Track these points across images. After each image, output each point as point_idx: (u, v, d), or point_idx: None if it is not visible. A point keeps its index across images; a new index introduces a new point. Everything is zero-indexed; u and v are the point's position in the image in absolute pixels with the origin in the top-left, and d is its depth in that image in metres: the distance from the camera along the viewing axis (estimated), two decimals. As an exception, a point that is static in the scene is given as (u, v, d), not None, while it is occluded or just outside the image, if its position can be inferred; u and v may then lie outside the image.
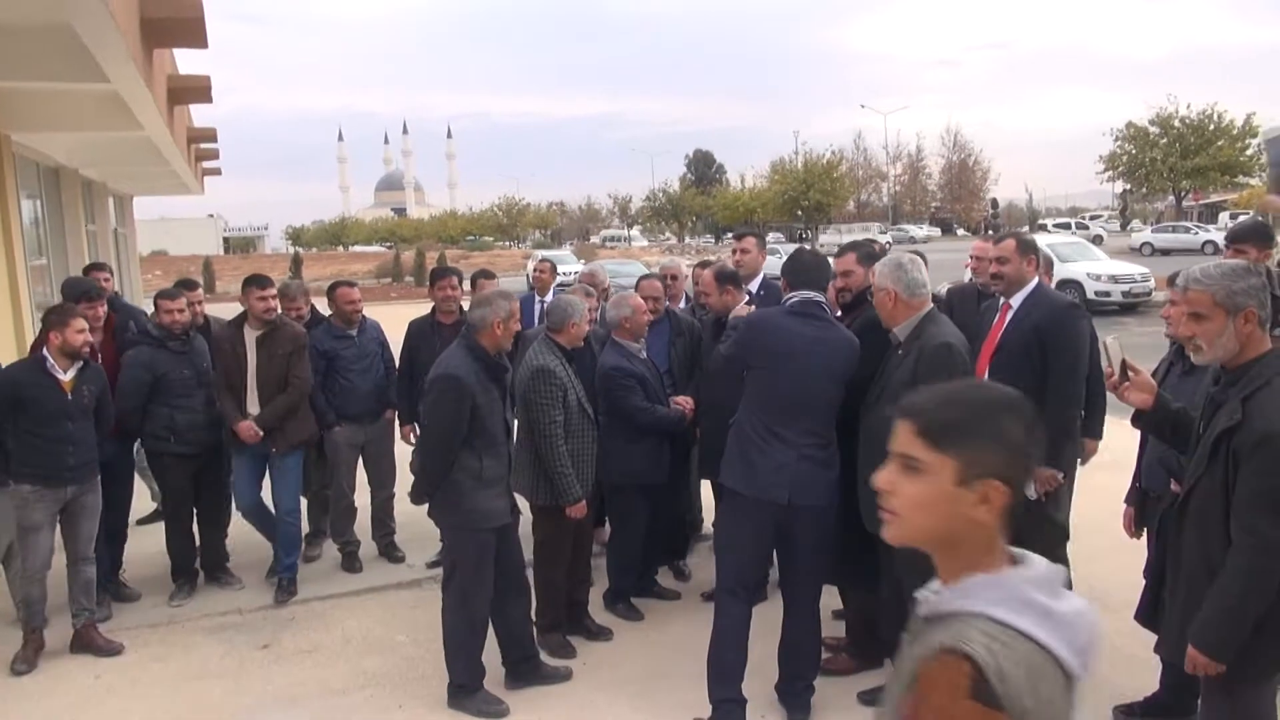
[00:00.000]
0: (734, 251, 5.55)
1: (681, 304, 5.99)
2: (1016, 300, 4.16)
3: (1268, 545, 2.55)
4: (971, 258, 5.36)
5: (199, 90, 10.69)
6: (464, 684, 4.13)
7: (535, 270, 8.10)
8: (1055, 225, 51.07)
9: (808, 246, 5.14)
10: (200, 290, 6.04)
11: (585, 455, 4.53)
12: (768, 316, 4.01)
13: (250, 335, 5.34)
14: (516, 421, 4.47)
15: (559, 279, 10.39)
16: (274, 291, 5.40)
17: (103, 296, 5.46)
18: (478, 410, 3.96)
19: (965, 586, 1.31)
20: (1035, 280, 4.19)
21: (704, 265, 6.07)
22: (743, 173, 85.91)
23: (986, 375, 4.05)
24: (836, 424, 3.89)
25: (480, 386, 3.97)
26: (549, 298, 7.21)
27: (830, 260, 4.30)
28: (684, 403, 4.94)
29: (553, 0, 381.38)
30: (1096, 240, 39.22)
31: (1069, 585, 1.37)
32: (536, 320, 6.83)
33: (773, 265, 6.65)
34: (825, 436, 3.81)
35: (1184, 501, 2.82)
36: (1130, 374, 2.90)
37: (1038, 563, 1.34)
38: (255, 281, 5.41)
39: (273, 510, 5.49)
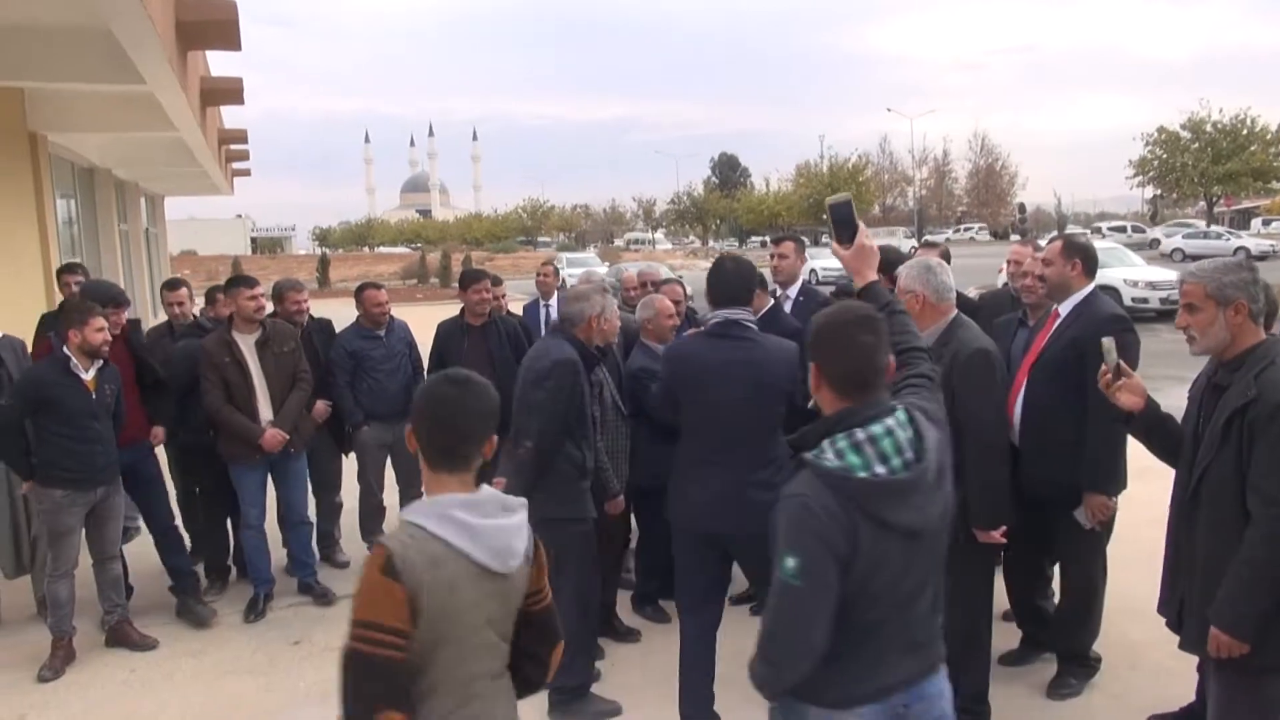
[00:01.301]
0: (771, 256, 5.44)
1: None
2: (1065, 308, 3.90)
3: None
4: (1008, 261, 5.20)
5: (231, 92, 10.83)
6: (580, 684, 4.08)
7: (539, 275, 7.64)
8: (1111, 229, 50.35)
9: (735, 253, 4.71)
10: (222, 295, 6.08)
11: (620, 452, 4.57)
12: (683, 345, 3.88)
13: (246, 340, 5.22)
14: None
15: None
16: (262, 290, 5.37)
17: (127, 303, 5.36)
18: (582, 399, 3.99)
19: (413, 506, 1.94)
20: (1088, 288, 3.91)
21: None
22: (767, 176, 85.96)
23: (1024, 388, 3.86)
24: None
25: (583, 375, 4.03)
26: (554, 302, 7.18)
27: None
28: None
29: (577, 4, 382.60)
30: (1153, 244, 39.06)
31: None
32: (543, 326, 6.80)
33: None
34: (769, 457, 3.58)
35: (1195, 490, 2.81)
36: (1124, 376, 2.98)
37: (482, 491, 1.99)
38: (244, 282, 5.33)
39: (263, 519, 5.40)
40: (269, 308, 5.52)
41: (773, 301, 5.15)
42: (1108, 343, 3.02)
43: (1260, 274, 2.83)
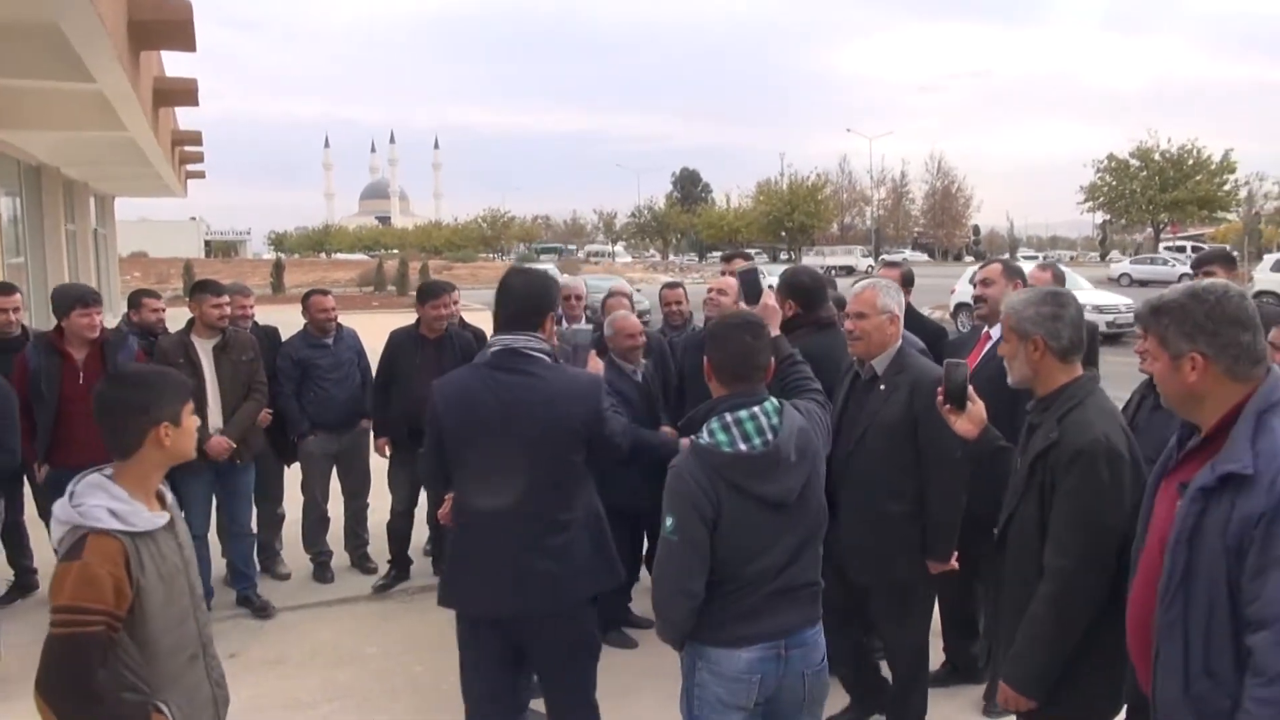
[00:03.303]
0: (723, 274, 5.28)
1: (582, 324, 5.78)
2: (997, 330, 3.83)
3: (1078, 568, 2.44)
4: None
5: (185, 93, 10.68)
6: None
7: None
8: (1171, 249, 48.82)
9: (526, 266, 3.86)
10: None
11: None
12: (453, 381, 3.09)
13: (204, 345, 5.15)
14: None
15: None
16: (227, 299, 5.29)
17: (99, 302, 5.12)
18: None
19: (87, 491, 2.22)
20: None
21: (672, 286, 6.02)
22: (728, 192, 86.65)
23: None
24: None
25: None
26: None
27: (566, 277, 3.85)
28: (674, 433, 4.91)
29: (543, 16, 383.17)
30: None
31: None
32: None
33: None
34: (562, 519, 2.98)
35: (1003, 532, 2.69)
36: (969, 403, 2.87)
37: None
38: (209, 289, 5.24)
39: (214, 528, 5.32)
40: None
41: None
42: (955, 363, 2.90)
43: (1071, 310, 2.66)
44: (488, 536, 2.97)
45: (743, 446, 2.49)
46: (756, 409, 2.53)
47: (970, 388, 2.87)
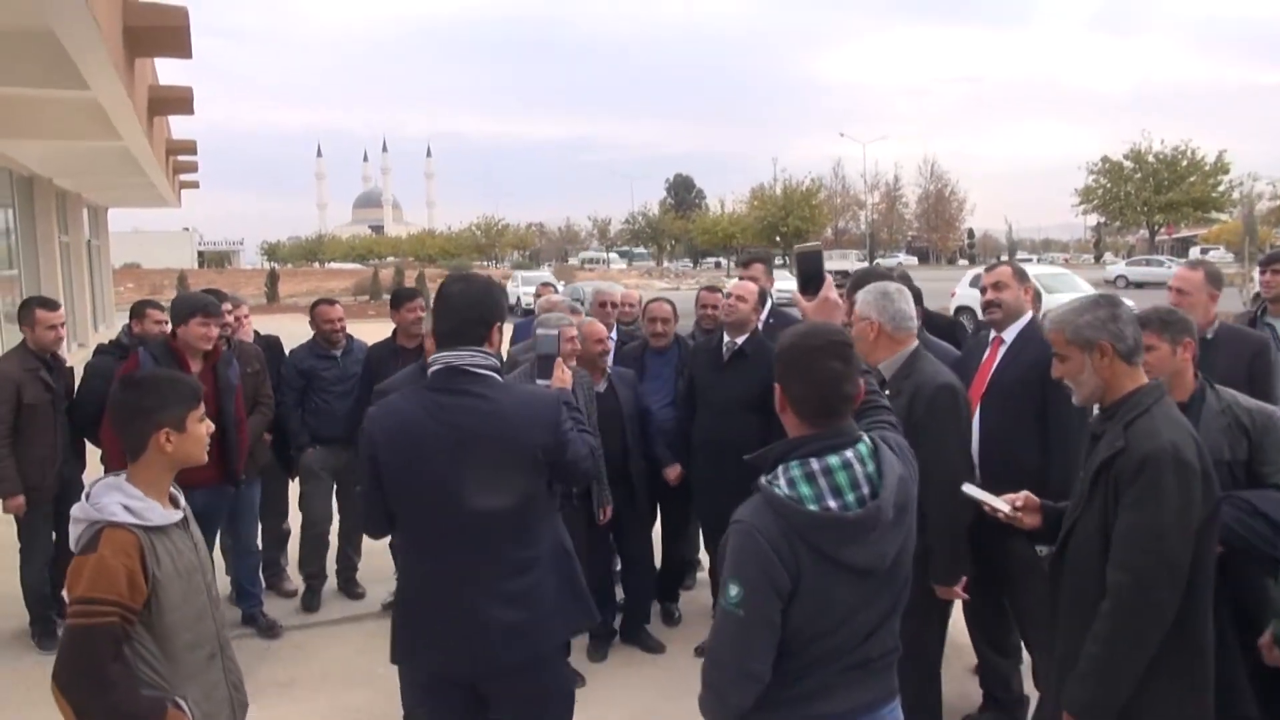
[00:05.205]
0: (741, 279, 5.06)
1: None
2: (1010, 334, 3.81)
3: (1141, 584, 2.29)
4: (1172, 290, 4.28)
5: (180, 101, 10.54)
6: None
7: (535, 294, 7.02)
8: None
9: (469, 271, 3.49)
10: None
11: None
12: (389, 409, 2.65)
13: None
14: None
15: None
16: (230, 307, 5.18)
17: (220, 315, 4.80)
18: None
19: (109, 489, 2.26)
20: (1030, 313, 3.89)
21: (711, 289, 5.60)
22: (722, 198, 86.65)
23: (978, 419, 3.70)
24: None
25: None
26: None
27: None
28: (671, 473, 4.87)
29: (535, 23, 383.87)
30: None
31: None
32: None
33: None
34: (523, 559, 2.59)
35: (1062, 545, 2.56)
36: (1006, 508, 2.77)
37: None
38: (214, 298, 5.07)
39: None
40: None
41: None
42: (970, 489, 2.86)
43: (1125, 309, 2.54)
44: (440, 585, 2.57)
45: (832, 503, 1.98)
46: (849, 454, 2.02)
47: (995, 496, 2.79)
